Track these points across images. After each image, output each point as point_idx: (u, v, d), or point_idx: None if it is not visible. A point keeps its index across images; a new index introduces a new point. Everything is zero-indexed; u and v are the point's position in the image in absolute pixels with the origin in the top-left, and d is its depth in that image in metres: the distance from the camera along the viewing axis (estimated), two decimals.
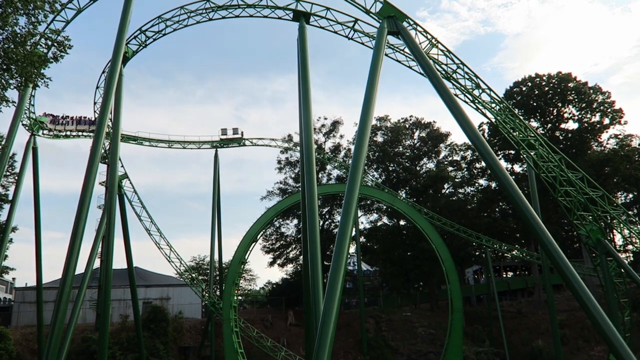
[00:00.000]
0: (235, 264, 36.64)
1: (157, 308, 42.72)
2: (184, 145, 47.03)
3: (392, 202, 40.24)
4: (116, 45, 21.41)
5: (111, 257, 24.27)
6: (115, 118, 24.38)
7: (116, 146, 24.54)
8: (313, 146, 19.68)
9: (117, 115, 24.29)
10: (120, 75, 23.82)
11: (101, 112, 19.97)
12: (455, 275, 37.19)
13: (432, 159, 63.28)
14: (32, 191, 36.15)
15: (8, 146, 26.20)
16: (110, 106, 21.27)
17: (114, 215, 24.73)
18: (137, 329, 35.76)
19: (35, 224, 36.08)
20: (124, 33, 22.19)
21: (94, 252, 28.32)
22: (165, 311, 42.95)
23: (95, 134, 19.62)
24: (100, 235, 28.62)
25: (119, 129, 24.64)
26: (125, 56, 25.53)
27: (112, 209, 24.57)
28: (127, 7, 22.44)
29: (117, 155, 25.32)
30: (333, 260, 13.50)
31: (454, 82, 26.29)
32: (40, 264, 35.88)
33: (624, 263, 28.42)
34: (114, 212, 25.32)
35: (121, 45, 21.62)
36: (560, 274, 15.27)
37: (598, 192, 27.33)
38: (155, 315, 41.43)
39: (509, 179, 16.85)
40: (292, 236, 61.44)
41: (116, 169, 24.61)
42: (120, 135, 25.59)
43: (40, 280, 36.01)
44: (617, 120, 56.10)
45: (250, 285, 70.71)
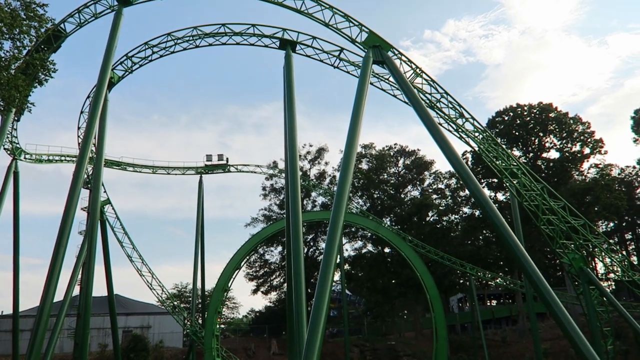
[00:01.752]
0: (218, 291, 36.15)
1: (137, 337, 41.82)
2: (168, 171, 46.75)
3: (376, 230, 40.21)
4: (102, 70, 21.41)
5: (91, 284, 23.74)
6: (99, 143, 24.20)
7: (99, 171, 24.29)
8: (298, 173, 19.69)
9: (101, 141, 24.12)
10: (106, 100, 23.76)
11: (85, 137, 19.83)
12: (439, 303, 37.05)
13: (417, 187, 63.68)
14: (12, 216, 35.56)
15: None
16: (94, 131, 21.15)
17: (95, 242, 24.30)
18: (116, 359, 34.83)
19: (14, 249, 35.36)
20: (110, 58, 22.22)
21: (74, 279, 27.74)
22: (145, 340, 42.05)
23: (79, 159, 19.45)
24: (80, 261, 28.05)
25: (102, 154, 24.44)
26: (111, 81, 25.53)
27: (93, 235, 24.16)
28: (114, 33, 22.53)
29: (100, 180, 25.05)
30: (317, 288, 13.38)
31: (437, 111, 26.64)
32: (18, 291, 35.02)
33: (606, 291, 28.59)
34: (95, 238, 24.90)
35: (107, 70, 21.62)
36: (544, 302, 15.28)
37: (580, 221, 27.62)
38: (136, 344, 40.52)
39: (492, 207, 16.97)
40: (276, 263, 60.98)
41: (99, 194, 24.30)
42: (103, 160, 25.38)
43: (17, 308, 35.09)
44: (597, 150, 57.15)
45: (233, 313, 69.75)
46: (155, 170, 46.27)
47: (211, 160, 47.94)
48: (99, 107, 20.74)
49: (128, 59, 27.61)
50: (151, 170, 46.12)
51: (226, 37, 26.34)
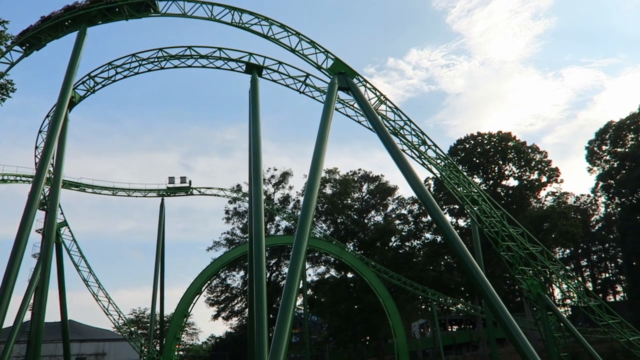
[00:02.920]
0: (178, 317, 35.30)
1: None
2: (129, 192, 45.79)
3: (340, 255, 40.20)
4: (63, 89, 20.98)
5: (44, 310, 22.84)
6: (58, 163, 23.55)
7: (56, 192, 23.58)
8: (262, 197, 19.59)
9: (59, 161, 23.48)
10: (66, 120, 23.23)
11: (43, 157, 19.30)
12: (401, 329, 37.08)
13: (380, 212, 64.14)
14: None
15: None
16: (53, 151, 20.59)
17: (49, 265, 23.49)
18: None
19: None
20: (72, 77, 21.81)
21: (25, 304, 26.65)
22: None
23: (35, 179, 18.89)
24: (33, 285, 27.02)
25: (60, 175, 23.78)
26: (72, 101, 24.99)
27: (48, 258, 23.36)
28: (77, 52, 22.17)
29: (57, 201, 24.30)
30: (280, 313, 13.22)
31: (401, 137, 27.05)
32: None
33: (563, 317, 29.19)
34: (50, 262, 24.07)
35: (68, 89, 21.21)
36: (503, 328, 15.47)
37: (538, 248, 28.25)
38: None
39: (453, 233, 17.21)
40: (238, 288, 60.13)
41: (55, 216, 23.55)
42: (61, 181, 24.69)
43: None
44: (553, 178, 58.96)
45: (192, 339, 68.16)
46: (115, 192, 45.26)
47: (174, 182, 47.26)
48: (59, 126, 20.25)
49: (90, 79, 27.11)
50: (111, 191, 45.09)
51: (192, 59, 26.25)
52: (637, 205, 50.32)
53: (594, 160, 58.93)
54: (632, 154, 51.12)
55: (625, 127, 55.30)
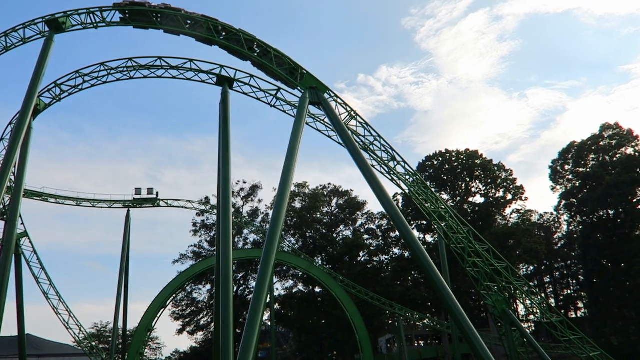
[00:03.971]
0: (141, 331, 34.53)
1: None
2: (94, 203, 44.77)
3: (308, 269, 40.12)
4: (27, 96, 20.45)
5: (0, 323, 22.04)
6: (20, 172, 22.88)
7: (17, 202, 22.90)
8: (230, 210, 19.42)
9: (21, 170, 22.82)
10: (29, 128, 22.66)
11: (3, 165, 18.77)
12: (368, 344, 37.11)
13: (349, 227, 64.32)
14: None
15: None
16: (15, 160, 20.01)
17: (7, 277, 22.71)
18: None
19: None
20: (37, 85, 21.31)
21: None
22: None
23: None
24: None
25: (22, 184, 23.10)
26: (37, 109, 24.41)
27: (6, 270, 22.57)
28: (43, 59, 21.68)
29: (18, 211, 23.60)
30: (246, 327, 13.07)
31: (370, 153, 27.27)
32: None
33: (527, 333, 29.65)
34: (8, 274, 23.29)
35: (33, 97, 20.70)
36: (469, 343, 15.62)
37: (503, 264, 28.73)
38: None
39: (421, 249, 17.36)
40: (204, 302, 59.27)
41: (15, 226, 22.83)
42: (23, 190, 23.99)
43: None
44: (518, 196, 60.27)
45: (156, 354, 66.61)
46: (79, 203, 44.19)
47: (140, 193, 46.44)
48: (22, 134, 19.71)
49: (57, 87, 26.54)
50: (75, 202, 44.01)
51: (162, 70, 25.97)
52: (597, 224, 51.73)
53: (557, 179, 60.47)
54: (593, 174, 52.69)
55: (587, 147, 57.00)
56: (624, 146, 54.76)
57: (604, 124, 56.67)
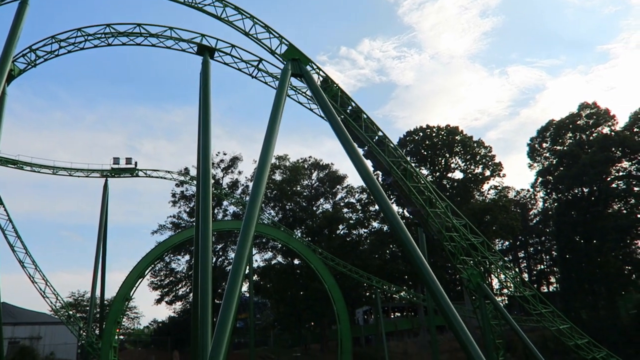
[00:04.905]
0: (119, 300, 34.43)
1: (25, 349, 38.93)
2: (71, 172, 44.11)
3: (287, 241, 40.25)
4: (1, 61, 19.88)
5: None
6: None
7: None
8: (210, 181, 19.33)
9: None
10: (4, 94, 22.09)
11: None
12: (346, 315, 37.60)
13: (329, 200, 64.60)
14: None
15: None
16: None
17: None
18: None
19: None
20: (12, 49, 20.67)
21: None
22: (34, 352, 39.21)
23: None
24: None
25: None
26: (11, 74, 23.78)
27: None
28: (17, 23, 21.00)
29: None
30: (224, 298, 13.14)
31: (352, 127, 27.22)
32: None
33: (500, 306, 30.39)
34: None
35: (7, 61, 20.10)
36: (443, 315, 15.95)
37: (479, 239, 29.23)
38: (23, 356, 37.72)
39: (399, 223, 17.54)
40: (182, 272, 59.34)
41: None
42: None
43: None
44: (496, 172, 61.09)
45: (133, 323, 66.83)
46: (56, 171, 43.51)
47: (118, 163, 45.90)
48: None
49: (32, 52, 25.86)
50: (51, 170, 43.32)
51: (141, 37, 25.42)
52: (572, 201, 52.77)
53: (535, 157, 61.30)
54: (570, 152, 53.51)
55: (565, 126, 57.73)
56: (601, 125, 55.61)
57: (582, 103, 57.37)
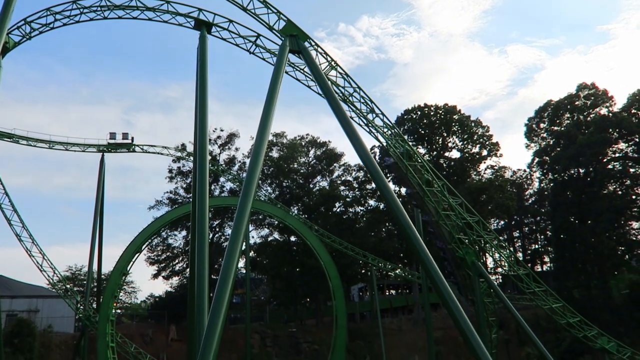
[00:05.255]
0: (116, 275, 34.65)
1: (22, 321, 39.17)
2: (67, 147, 43.95)
3: (284, 218, 40.39)
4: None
5: None
6: None
7: None
8: (207, 157, 19.28)
9: None
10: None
11: None
12: (341, 292, 37.95)
13: (326, 178, 64.69)
14: None
15: None
16: None
17: None
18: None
19: None
20: (6, 21, 20.33)
21: None
22: (32, 325, 39.48)
23: None
24: None
25: None
26: (6, 47, 23.49)
27: None
28: None
29: None
30: (221, 274, 13.23)
31: (350, 104, 27.15)
32: None
33: (494, 284, 30.77)
34: None
35: (1, 34, 19.86)
36: (438, 293, 16.13)
37: (474, 218, 29.41)
38: (21, 329, 37.94)
39: (396, 201, 17.60)
40: (179, 248, 59.62)
41: None
42: None
43: None
44: (493, 152, 61.13)
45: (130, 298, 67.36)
46: (52, 146, 43.34)
47: (115, 138, 45.74)
48: None
49: (27, 24, 25.50)
50: (47, 145, 43.14)
51: (137, 11, 25.08)
52: (568, 182, 52.95)
53: (532, 137, 61.27)
54: (567, 133, 53.50)
55: (563, 106, 57.60)
56: (599, 106, 55.50)
57: (581, 84, 57.15)
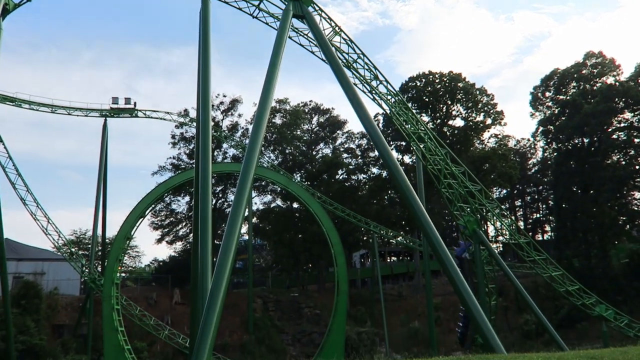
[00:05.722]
0: (120, 239, 35.01)
1: (29, 283, 39.80)
2: (69, 111, 43.84)
3: (286, 185, 40.50)
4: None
5: None
6: None
7: None
8: (210, 123, 19.26)
9: None
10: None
11: None
12: (343, 258, 38.35)
13: (329, 145, 64.58)
14: None
15: None
16: None
17: None
18: (5, 306, 33.14)
19: None
20: None
21: None
22: (38, 287, 40.13)
23: None
24: None
25: None
26: (6, 8, 23.20)
27: None
28: None
29: None
30: (224, 239, 13.38)
31: (353, 71, 26.90)
32: None
33: (495, 252, 31.04)
34: None
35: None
36: (439, 260, 16.31)
37: (477, 187, 29.44)
38: (27, 291, 38.59)
39: (398, 169, 17.62)
40: (183, 213, 60.01)
41: None
42: None
43: None
44: (498, 121, 60.70)
45: (135, 262, 68.15)
46: (54, 110, 43.25)
47: (117, 103, 45.57)
48: None
49: None
50: (50, 109, 43.04)
51: None
52: (571, 151, 52.71)
53: (537, 106, 60.69)
54: (573, 102, 52.97)
55: (569, 75, 56.85)
56: (605, 75, 54.77)
57: (588, 52, 56.24)
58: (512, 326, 46.69)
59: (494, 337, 14.49)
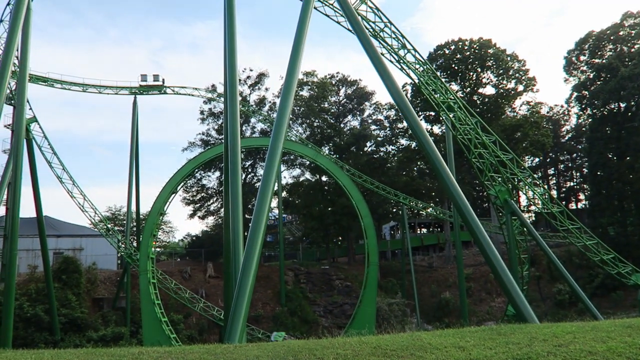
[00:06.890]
0: (154, 215, 35.74)
1: (68, 259, 41.13)
2: (100, 90, 44.49)
3: (315, 158, 40.51)
4: None
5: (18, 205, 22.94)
6: (23, 56, 22.55)
7: (23, 87, 22.80)
8: (237, 98, 19.25)
9: (24, 53, 22.47)
10: (29, 9, 21.92)
11: (6, 48, 18.37)
12: (372, 231, 38.37)
13: (357, 117, 64.08)
14: None
15: None
16: (16, 42, 19.57)
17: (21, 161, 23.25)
18: (47, 280, 34.38)
19: None
20: None
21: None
22: (77, 262, 41.45)
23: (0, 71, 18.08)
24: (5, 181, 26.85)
25: (26, 68, 22.85)
26: None
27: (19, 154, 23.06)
28: None
29: (25, 96, 23.58)
30: (254, 213, 13.50)
31: (380, 40, 26.46)
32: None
33: (527, 222, 30.60)
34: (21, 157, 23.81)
35: None
36: (470, 231, 16.16)
37: (508, 156, 28.94)
38: (67, 266, 39.91)
39: (428, 140, 17.40)
40: (213, 189, 60.77)
41: (23, 110, 22.96)
42: (28, 74, 23.76)
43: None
44: (530, 87, 59.10)
45: (168, 237, 69.63)
46: (86, 89, 43.95)
47: (146, 80, 45.98)
48: (21, 15, 19.11)
49: None
50: (81, 88, 43.75)
51: None
52: (607, 116, 51.20)
53: (571, 71, 58.89)
54: (609, 65, 51.18)
55: (605, 37, 54.83)
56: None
57: (626, 12, 54.03)
58: (545, 296, 46.31)
59: (527, 306, 14.37)
